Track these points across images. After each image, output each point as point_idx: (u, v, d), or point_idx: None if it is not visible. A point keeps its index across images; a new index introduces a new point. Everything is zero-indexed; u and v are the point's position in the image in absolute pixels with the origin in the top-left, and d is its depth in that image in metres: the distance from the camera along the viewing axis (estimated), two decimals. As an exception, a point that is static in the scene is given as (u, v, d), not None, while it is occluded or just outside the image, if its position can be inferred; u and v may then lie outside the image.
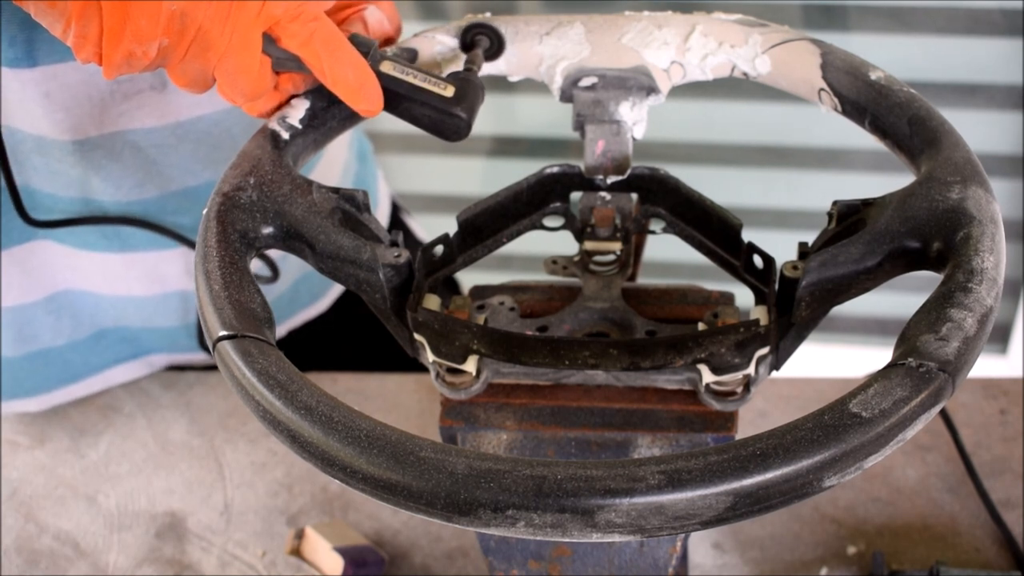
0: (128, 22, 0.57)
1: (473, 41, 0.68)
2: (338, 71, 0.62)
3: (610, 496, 0.43)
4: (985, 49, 1.62)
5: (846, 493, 0.87)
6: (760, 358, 0.59)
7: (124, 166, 0.82)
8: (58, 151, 0.79)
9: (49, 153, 0.79)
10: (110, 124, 0.79)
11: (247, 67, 0.61)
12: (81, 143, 0.78)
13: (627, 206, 0.68)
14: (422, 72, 0.64)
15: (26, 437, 0.99)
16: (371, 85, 0.63)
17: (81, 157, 0.79)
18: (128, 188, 0.83)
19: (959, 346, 0.46)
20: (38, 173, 0.80)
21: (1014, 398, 0.92)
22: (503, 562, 0.65)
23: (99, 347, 0.96)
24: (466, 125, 0.64)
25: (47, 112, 0.76)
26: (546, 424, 0.63)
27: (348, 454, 0.46)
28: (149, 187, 0.84)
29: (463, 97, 0.63)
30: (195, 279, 0.55)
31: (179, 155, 0.82)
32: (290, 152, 0.63)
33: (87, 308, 0.93)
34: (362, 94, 0.63)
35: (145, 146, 0.81)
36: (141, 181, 0.83)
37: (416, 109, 0.64)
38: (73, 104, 0.76)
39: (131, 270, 0.90)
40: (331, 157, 0.98)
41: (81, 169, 0.80)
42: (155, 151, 0.82)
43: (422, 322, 0.60)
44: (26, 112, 0.76)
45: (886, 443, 0.44)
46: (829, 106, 0.63)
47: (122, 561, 0.88)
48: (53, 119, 0.76)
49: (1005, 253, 0.51)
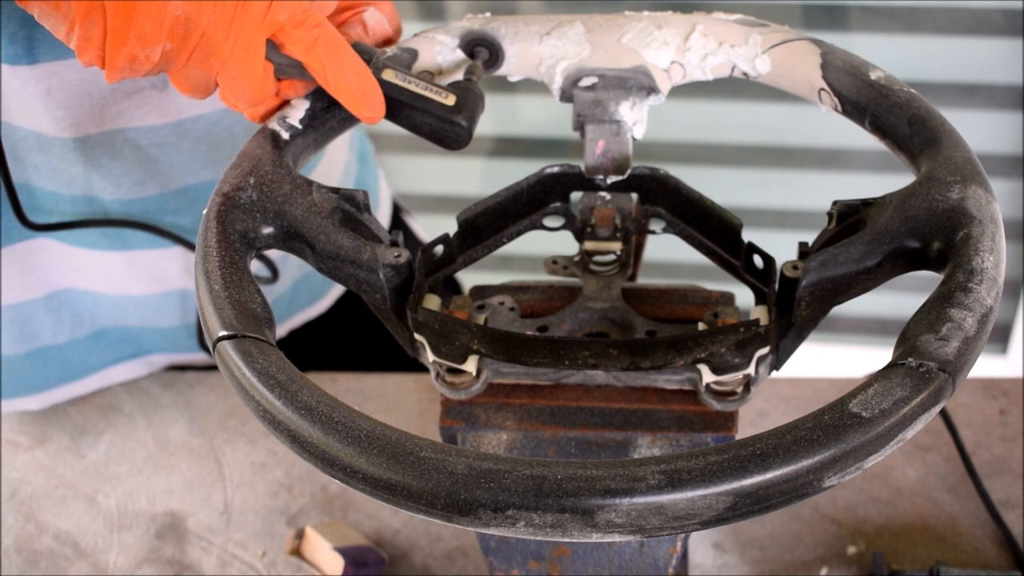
0: (132, 25, 0.57)
1: (473, 52, 0.68)
2: (341, 78, 0.62)
3: (610, 496, 0.43)
4: (985, 49, 1.62)
5: (846, 493, 0.87)
6: (760, 358, 0.59)
7: (125, 164, 0.82)
8: (58, 148, 0.79)
9: (49, 151, 0.79)
10: (111, 122, 0.79)
11: (250, 73, 0.61)
12: (82, 140, 0.78)
13: (627, 206, 0.68)
14: (423, 81, 0.64)
15: (26, 437, 0.99)
16: (373, 92, 0.63)
17: (82, 155, 0.79)
18: (129, 186, 0.83)
19: (959, 346, 0.46)
20: (38, 171, 0.80)
21: (1014, 398, 0.92)
22: (503, 562, 0.65)
23: (99, 346, 0.97)
24: (467, 133, 0.64)
25: (47, 109, 0.76)
26: (546, 424, 0.63)
27: (348, 454, 0.46)
28: (150, 185, 0.84)
29: (464, 106, 0.64)
30: (195, 279, 0.54)
31: (180, 153, 0.82)
32: (290, 152, 0.63)
33: (87, 307, 0.93)
34: (364, 101, 0.63)
35: (146, 144, 0.81)
36: (142, 179, 0.83)
37: (417, 117, 0.64)
38: (74, 102, 0.76)
39: (131, 269, 0.90)
40: (332, 158, 0.98)
41: (82, 167, 0.80)
42: (156, 149, 0.82)
43: (422, 322, 0.60)
44: (26, 109, 0.76)
45: (886, 443, 0.44)
46: (829, 106, 0.63)
47: (122, 561, 0.88)
48: (53, 116, 0.76)
49: (1005, 253, 0.51)
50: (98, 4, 0.57)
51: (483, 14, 0.69)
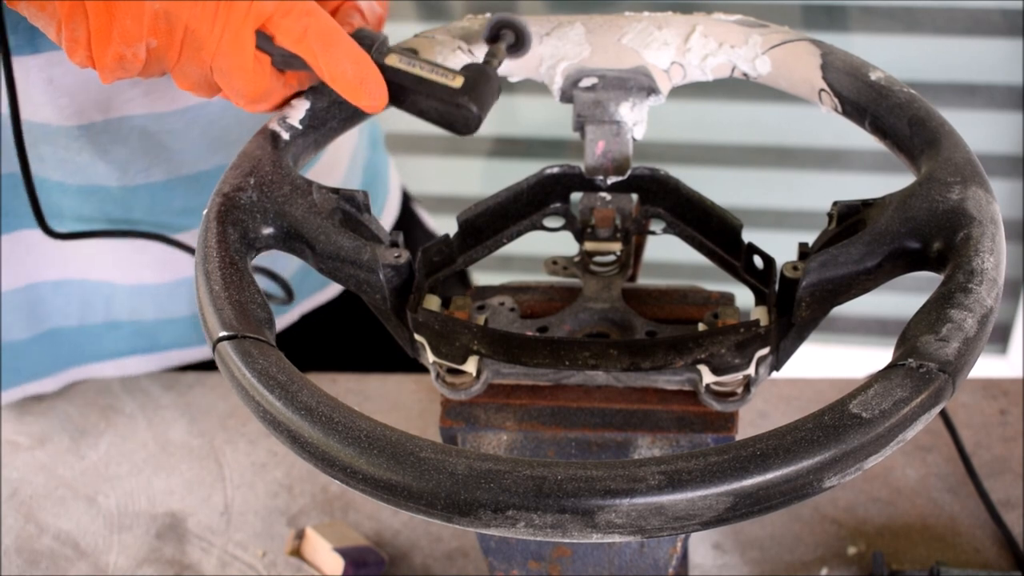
0: (114, 23, 0.57)
1: (498, 35, 0.66)
2: (336, 67, 0.61)
3: (610, 496, 0.43)
4: (985, 49, 1.62)
5: (846, 493, 0.87)
6: (760, 358, 0.59)
7: (131, 150, 0.81)
8: (64, 137, 0.78)
9: (55, 140, 0.79)
10: (116, 109, 0.78)
11: (240, 66, 0.60)
12: (87, 128, 0.78)
13: (627, 207, 0.68)
14: (430, 63, 0.62)
15: (26, 437, 0.99)
16: (373, 80, 0.61)
17: (87, 142, 0.79)
18: (135, 172, 0.83)
19: (959, 347, 0.46)
20: (45, 162, 0.80)
21: (1014, 398, 0.92)
22: (503, 562, 0.66)
23: (112, 336, 0.96)
24: (475, 117, 0.61)
25: (51, 98, 0.75)
26: (546, 424, 0.63)
27: (348, 455, 0.46)
28: (156, 171, 0.84)
29: (472, 87, 0.61)
30: (195, 280, 0.55)
31: (189, 140, 0.82)
32: (290, 152, 0.63)
33: (101, 297, 0.92)
34: (363, 89, 0.61)
35: (155, 131, 0.81)
36: (148, 165, 0.83)
37: (423, 102, 0.62)
38: (78, 89, 0.76)
39: (142, 256, 0.90)
40: (340, 144, 0.97)
41: (88, 155, 0.80)
42: (165, 136, 0.81)
43: (422, 323, 0.60)
44: (29, 99, 0.75)
45: (886, 444, 0.44)
46: (829, 107, 0.63)
47: (122, 561, 0.88)
48: (57, 105, 0.76)
49: (1005, 253, 0.51)
50: (79, 4, 0.56)
51: (483, 15, 0.69)
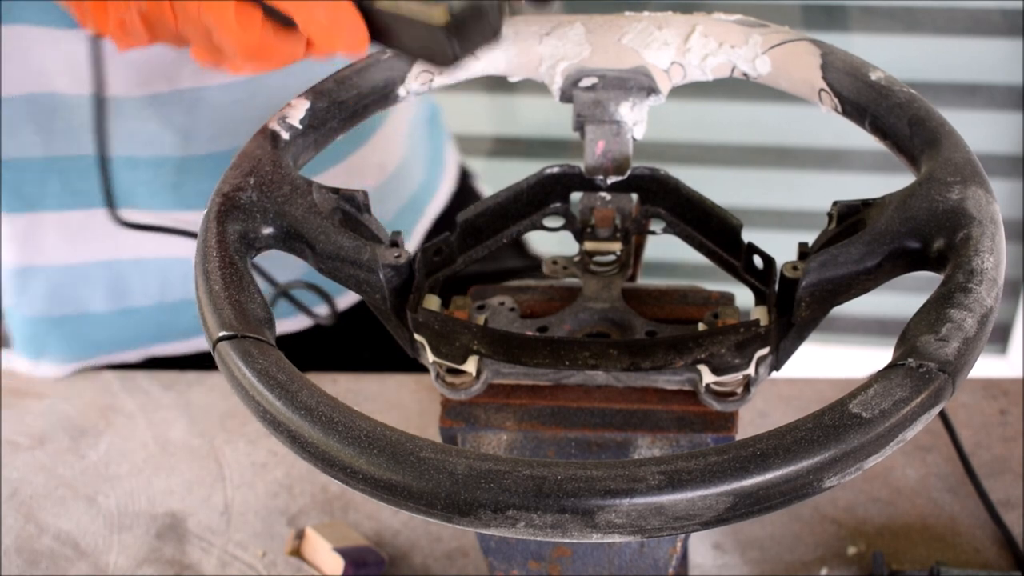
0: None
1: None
2: (306, 12, 0.57)
3: (610, 496, 0.43)
4: (985, 49, 1.62)
5: (846, 493, 0.87)
6: (760, 358, 0.59)
7: (197, 120, 0.82)
8: (129, 108, 0.79)
9: (122, 112, 0.79)
10: (185, 80, 0.79)
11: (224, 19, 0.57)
12: (152, 99, 0.79)
13: (627, 206, 0.68)
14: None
15: (26, 437, 0.99)
16: (348, 21, 0.58)
17: (154, 112, 0.80)
18: (203, 142, 0.84)
19: (959, 347, 0.46)
20: (112, 137, 0.79)
21: (1014, 398, 0.92)
22: (503, 562, 0.65)
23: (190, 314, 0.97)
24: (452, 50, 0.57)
25: (114, 69, 0.74)
26: (546, 424, 0.63)
27: (348, 454, 0.46)
28: (224, 140, 0.84)
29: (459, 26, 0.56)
30: (195, 280, 0.55)
31: (256, 108, 0.82)
32: (290, 152, 0.62)
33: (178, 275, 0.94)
34: (337, 33, 0.58)
35: (222, 102, 0.81)
36: (216, 135, 0.84)
37: (407, 41, 0.59)
38: (140, 60, 0.75)
39: None
40: (396, 119, 0.96)
41: (155, 124, 0.81)
42: (233, 106, 0.82)
43: (422, 323, 0.60)
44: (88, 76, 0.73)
45: (886, 444, 0.44)
46: (829, 107, 0.63)
47: (122, 562, 0.88)
48: (121, 76, 0.76)
49: (1005, 253, 0.51)
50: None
51: None
